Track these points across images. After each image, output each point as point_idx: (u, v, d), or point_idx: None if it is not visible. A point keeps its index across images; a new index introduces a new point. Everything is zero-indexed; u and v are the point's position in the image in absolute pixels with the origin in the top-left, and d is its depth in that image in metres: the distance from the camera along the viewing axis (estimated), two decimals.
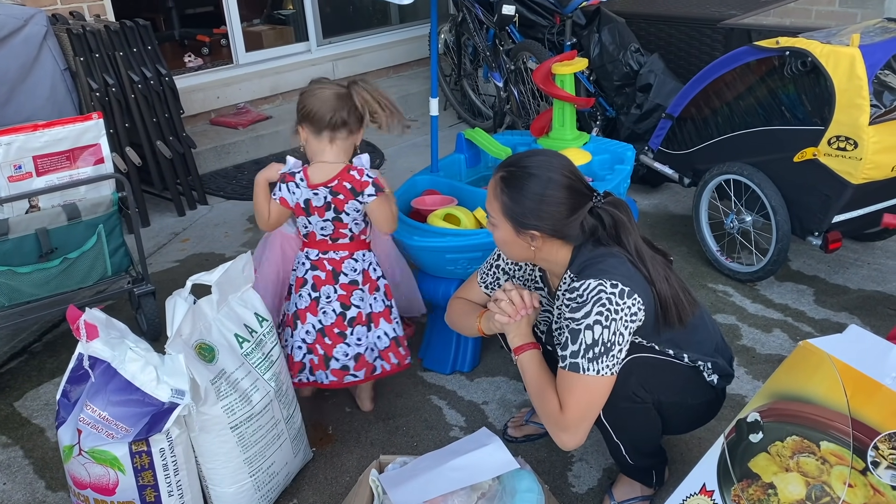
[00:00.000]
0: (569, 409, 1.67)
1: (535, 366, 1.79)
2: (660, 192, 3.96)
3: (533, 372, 1.79)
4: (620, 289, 1.64)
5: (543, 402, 1.73)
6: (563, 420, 1.68)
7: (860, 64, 2.46)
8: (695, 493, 1.65)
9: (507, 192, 1.71)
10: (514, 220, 1.72)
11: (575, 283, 1.69)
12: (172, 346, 1.79)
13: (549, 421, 1.72)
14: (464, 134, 2.99)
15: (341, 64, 5.58)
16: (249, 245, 3.63)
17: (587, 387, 1.65)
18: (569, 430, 1.68)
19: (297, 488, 2.15)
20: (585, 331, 1.63)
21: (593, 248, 1.74)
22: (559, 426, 1.69)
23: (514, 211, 1.71)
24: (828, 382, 1.53)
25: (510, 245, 1.78)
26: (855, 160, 2.53)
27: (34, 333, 2.97)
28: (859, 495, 1.43)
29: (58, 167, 2.53)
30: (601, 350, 1.63)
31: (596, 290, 1.64)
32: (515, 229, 1.73)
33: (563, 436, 1.69)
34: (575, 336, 1.65)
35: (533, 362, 1.80)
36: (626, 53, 3.90)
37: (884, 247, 3.29)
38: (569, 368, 1.66)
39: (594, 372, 1.64)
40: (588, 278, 1.66)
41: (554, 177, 1.69)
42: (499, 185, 1.73)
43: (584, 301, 1.65)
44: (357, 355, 2.24)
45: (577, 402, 1.66)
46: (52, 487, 2.21)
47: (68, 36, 3.54)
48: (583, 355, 1.64)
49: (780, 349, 2.64)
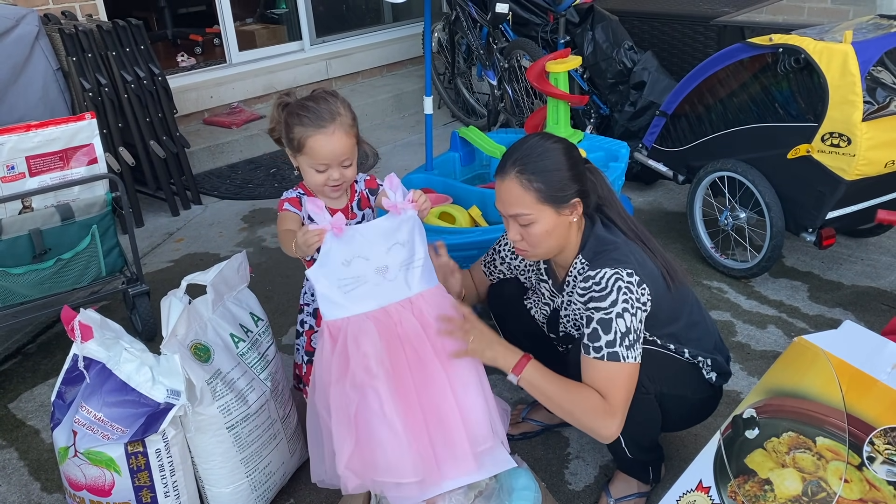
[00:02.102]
0: (616, 398, 1.66)
1: (543, 376, 1.72)
2: (654, 190, 3.97)
3: (545, 383, 1.71)
4: (636, 278, 1.67)
5: (576, 400, 1.68)
6: (612, 408, 1.65)
7: (853, 60, 2.47)
8: (691, 489, 1.65)
9: (534, 179, 1.70)
10: (554, 200, 1.71)
11: (590, 272, 1.70)
12: (168, 347, 1.78)
13: (593, 414, 1.66)
14: (458, 132, 2.99)
15: (335, 63, 5.57)
16: (244, 245, 3.63)
17: (629, 373, 1.67)
18: (617, 416, 1.66)
19: (294, 488, 2.15)
20: (617, 319, 1.65)
21: (605, 229, 1.78)
22: (609, 414, 1.65)
23: (551, 189, 1.70)
24: (823, 378, 1.53)
25: (552, 233, 1.74)
26: (848, 156, 2.53)
27: (28, 335, 2.96)
28: (855, 490, 1.44)
29: (51, 167, 2.52)
30: (634, 338, 1.66)
31: (614, 279, 1.66)
32: (557, 209, 1.72)
33: (614, 423, 1.66)
34: (607, 326, 1.65)
35: (538, 374, 1.72)
36: (620, 51, 3.90)
37: (877, 242, 3.30)
38: (608, 358, 1.65)
39: (633, 359, 1.66)
40: (603, 267, 1.69)
41: (553, 145, 1.74)
42: (521, 178, 1.71)
43: (607, 290, 1.66)
44: None
45: (621, 389, 1.66)
46: (48, 489, 2.20)
47: (60, 36, 3.52)
48: (620, 343, 1.65)
49: (774, 345, 2.64)
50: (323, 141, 1.81)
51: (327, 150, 1.82)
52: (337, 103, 1.85)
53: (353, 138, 1.87)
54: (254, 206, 4.10)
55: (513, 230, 1.78)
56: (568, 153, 1.74)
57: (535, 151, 1.72)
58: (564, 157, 1.73)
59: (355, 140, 1.88)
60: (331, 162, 1.84)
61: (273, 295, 3.10)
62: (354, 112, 1.91)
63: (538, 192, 1.70)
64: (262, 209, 4.05)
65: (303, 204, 1.93)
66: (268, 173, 4.51)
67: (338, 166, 1.85)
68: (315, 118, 1.81)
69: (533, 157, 1.72)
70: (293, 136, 1.84)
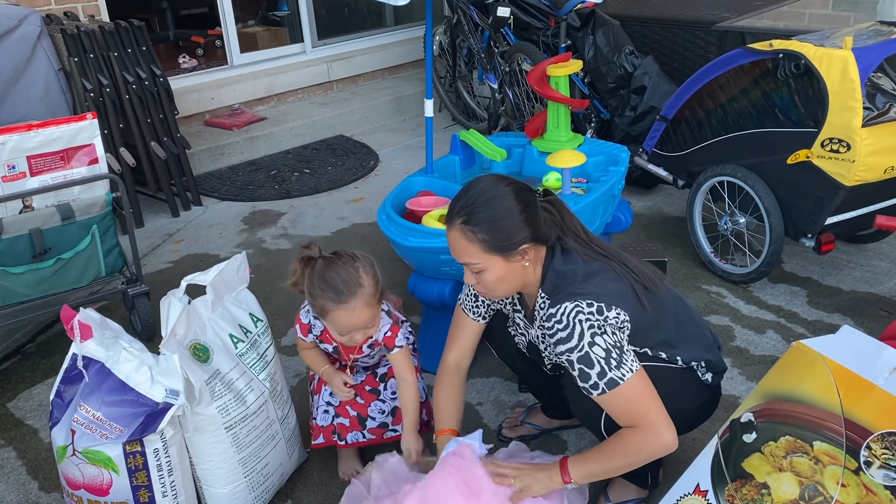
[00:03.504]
0: (642, 417, 1.64)
1: (588, 462, 1.72)
2: (654, 194, 3.97)
3: (594, 467, 1.72)
4: (597, 306, 1.63)
5: (621, 451, 1.68)
6: (647, 428, 1.64)
7: (853, 67, 2.47)
8: (689, 493, 1.66)
9: (478, 230, 1.65)
10: (500, 249, 1.67)
11: (551, 310, 1.67)
12: (167, 347, 1.78)
13: (639, 446, 1.65)
14: (458, 135, 2.99)
15: (336, 65, 5.59)
16: (244, 246, 3.63)
17: (636, 388, 1.64)
18: (659, 428, 1.64)
19: (292, 489, 2.15)
20: (592, 349, 1.62)
21: (563, 260, 1.73)
22: (652, 433, 1.64)
23: (496, 240, 1.66)
24: (821, 382, 1.54)
25: (504, 279, 1.72)
26: (848, 162, 2.54)
27: (27, 334, 2.96)
28: (852, 495, 1.44)
29: (52, 167, 2.53)
30: (618, 354, 1.63)
31: (574, 313, 1.63)
32: (506, 257, 1.68)
33: (662, 436, 1.63)
34: (587, 360, 1.63)
35: (582, 465, 1.72)
36: (621, 56, 3.91)
37: (876, 248, 3.31)
38: (609, 388, 1.63)
39: (629, 372, 1.63)
40: (562, 302, 1.65)
41: (502, 190, 1.68)
42: (465, 229, 1.66)
43: (570, 326, 1.63)
44: (394, 409, 2.13)
45: (640, 404, 1.64)
46: (46, 488, 2.20)
47: (62, 36, 3.53)
48: (609, 369, 1.62)
49: (773, 350, 2.65)
50: (344, 315, 1.85)
51: (348, 323, 1.87)
52: (359, 271, 1.85)
53: (374, 307, 1.89)
54: (254, 208, 4.10)
55: (468, 275, 1.75)
56: (518, 196, 1.67)
57: (479, 199, 1.66)
58: (514, 201, 1.66)
59: (377, 305, 1.91)
60: (353, 330, 1.90)
61: (273, 296, 3.10)
62: (378, 272, 1.90)
63: (483, 243, 1.66)
64: (263, 211, 4.06)
65: (312, 332, 2.04)
66: (268, 175, 4.51)
67: (360, 330, 1.91)
68: (336, 294, 1.82)
69: (478, 205, 1.66)
70: (315, 303, 1.87)
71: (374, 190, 4.27)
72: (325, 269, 1.84)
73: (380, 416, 2.12)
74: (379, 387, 2.14)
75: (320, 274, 1.84)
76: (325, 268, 1.84)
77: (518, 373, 2.22)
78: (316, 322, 2.02)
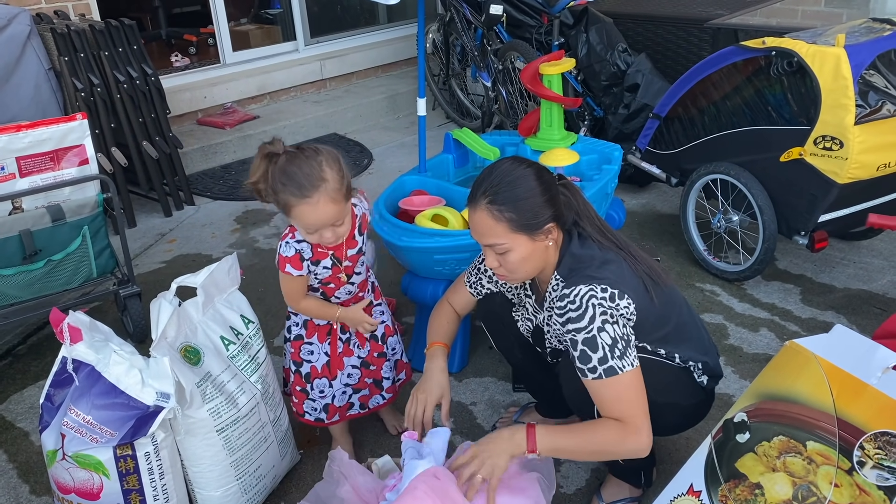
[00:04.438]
0: (629, 412, 1.63)
1: (556, 436, 1.69)
2: (647, 192, 3.97)
3: (562, 442, 1.68)
4: (611, 292, 1.64)
5: (596, 436, 1.66)
6: (631, 425, 1.63)
7: (845, 64, 2.47)
8: (682, 493, 1.65)
9: (505, 208, 1.67)
10: (527, 228, 1.68)
11: (565, 290, 1.68)
12: (157, 349, 1.77)
13: (617, 439, 1.64)
14: (451, 134, 2.98)
15: (329, 63, 5.57)
16: (236, 245, 3.62)
17: (631, 382, 1.64)
18: (641, 429, 1.63)
19: (285, 490, 2.14)
20: (600, 334, 1.63)
21: (580, 245, 1.75)
22: (632, 431, 1.62)
23: (523, 218, 1.67)
24: (814, 382, 1.53)
25: (529, 259, 1.72)
26: (841, 160, 2.54)
27: (18, 336, 2.95)
28: (845, 495, 1.44)
29: (42, 168, 2.51)
30: (623, 345, 1.64)
31: (588, 296, 1.64)
32: (532, 236, 1.69)
33: (641, 439, 1.63)
34: (593, 344, 1.63)
35: (550, 437, 1.68)
36: (614, 53, 3.90)
37: (869, 246, 3.31)
38: (606, 375, 1.63)
39: (629, 366, 1.64)
40: (577, 284, 1.66)
41: (524, 171, 1.70)
42: (492, 209, 1.68)
43: (582, 308, 1.64)
44: (396, 362, 2.23)
45: (631, 400, 1.64)
46: (37, 492, 2.18)
47: (52, 35, 3.51)
48: (612, 357, 1.62)
49: (767, 348, 2.64)
50: (308, 211, 1.78)
51: (313, 219, 1.80)
52: (322, 165, 1.78)
53: (340, 203, 1.81)
54: (247, 207, 4.09)
55: (490, 258, 1.75)
56: (539, 177, 1.70)
57: (505, 179, 1.69)
58: (536, 182, 1.69)
59: (343, 201, 1.83)
60: (319, 227, 1.82)
61: (265, 297, 3.09)
62: (344, 167, 1.83)
63: (510, 222, 1.67)
64: (255, 210, 4.04)
65: (304, 259, 1.93)
66: None
67: (329, 227, 1.83)
68: (298, 189, 1.75)
69: (503, 185, 1.68)
70: (279, 200, 1.80)
71: (368, 188, 4.25)
72: (286, 164, 1.77)
73: (391, 374, 2.20)
74: (384, 349, 2.17)
75: (282, 168, 1.76)
76: (286, 162, 1.77)
77: (514, 364, 2.22)
78: (303, 244, 1.93)
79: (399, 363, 2.25)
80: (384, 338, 2.18)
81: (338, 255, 1.98)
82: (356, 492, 1.81)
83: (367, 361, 2.14)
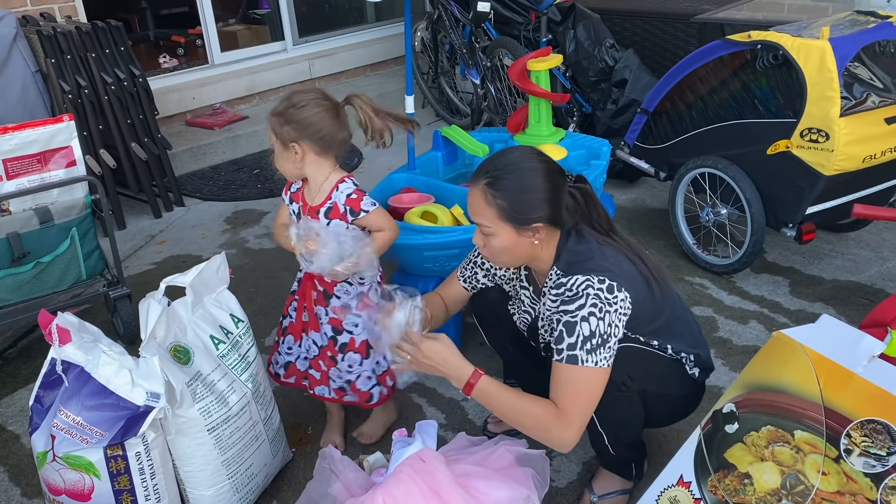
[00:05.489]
0: (569, 404, 1.63)
1: (495, 387, 1.70)
2: (636, 187, 3.98)
3: (497, 393, 1.70)
4: (608, 284, 1.65)
5: (525, 410, 1.67)
6: (564, 416, 1.62)
7: (830, 57, 2.49)
8: (673, 484, 1.66)
9: (499, 195, 1.68)
10: (515, 220, 1.69)
11: (563, 279, 1.69)
12: (147, 349, 1.77)
13: (543, 423, 1.64)
14: (440, 131, 2.98)
15: (318, 63, 5.56)
16: (227, 246, 3.61)
17: (588, 378, 1.64)
18: (572, 425, 1.62)
19: (277, 489, 2.14)
20: (581, 322, 1.63)
21: (577, 241, 1.75)
22: (563, 423, 1.62)
23: (513, 210, 1.68)
24: (801, 372, 1.54)
25: (511, 249, 1.74)
26: (827, 152, 2.55)
27: (8, 339, 2.93)
28: (833, 483, 1.45)
29: (29, 170, 2.50)
30: (598, 342, 1.63)
31: (585, 285, 1.65)
32: (517, 229, 1.70)
33: (566, 433, 1.62)
34: (571, 328, 1.63)
35: (491, 386, 1.70)
36: (602, 49, 3.92)
37: (857, 237, 3.33)
38: (566, 361, 1.63)
39: (593, 363, 1.63)
40: (576, 275, 1.67)
41: (534, 165, 1.71)
42: (487, 192, 1.69)
43: (576, 294, 1.65)
44: (348, 381, 2.14)
45: (577, 394, 1.63)
46: (28, 494, 2.18)
47: (38, 37, 3.49)
48: (580, 347, 1.62)
49: (756, 340, 2.66)
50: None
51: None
52: (295, 97, 1.96)
53: (274, 126, 1.95)
54: (237, 208, 4.08)
55: (477, 235, 1.78)
56: (548, 176, 1.70)
57: (510, 168, 1.69)
58: (542, 180, 1.69)
59: (278, 127, 1.95)
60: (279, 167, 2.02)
61: (256, 296, 3.09)
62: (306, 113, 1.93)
63: (500, 209, 1.68)
64: (245, 210, 4.04)
65: (290, 190, 2.11)
66: (251, 174, 4.49)
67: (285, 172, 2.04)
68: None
69: (507, 173, 1.69)
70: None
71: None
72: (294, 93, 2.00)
73: (338, 381, 2.15)
74: (337, 356, 2.12)
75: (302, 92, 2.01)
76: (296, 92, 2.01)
77: (506, 359, 2.22)
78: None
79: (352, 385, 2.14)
80: (343, 347, 2.11)
81: (302, 210, 2.08)
82: (347, 488, 1.81)
83: (320, 351, 2.14)
